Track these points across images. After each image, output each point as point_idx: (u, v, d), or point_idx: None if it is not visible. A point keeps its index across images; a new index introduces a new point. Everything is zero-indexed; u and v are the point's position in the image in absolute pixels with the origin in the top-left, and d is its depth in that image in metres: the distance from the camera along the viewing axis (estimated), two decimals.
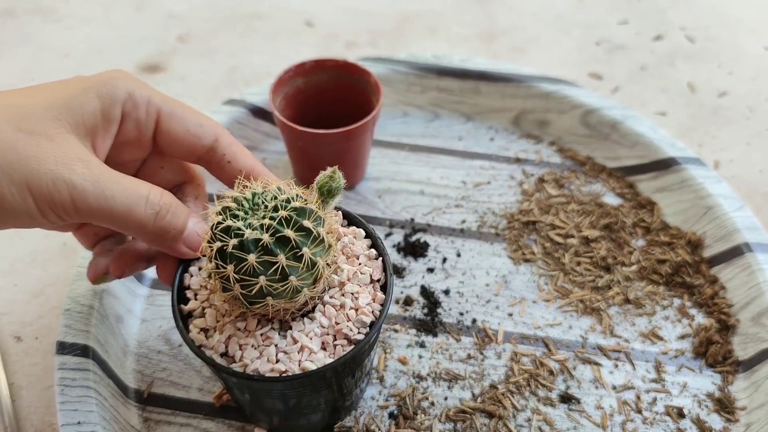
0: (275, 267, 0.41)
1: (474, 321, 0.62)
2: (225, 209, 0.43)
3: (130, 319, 0.61)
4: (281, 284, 0.41)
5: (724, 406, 0.56)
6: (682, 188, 0.69)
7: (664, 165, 0.71)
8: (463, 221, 0.70)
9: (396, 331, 0.61)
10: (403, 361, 0.59)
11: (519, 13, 0.98)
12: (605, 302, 0.63)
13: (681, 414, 0.56)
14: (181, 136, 0.47)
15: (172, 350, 0.60)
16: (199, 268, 0.50)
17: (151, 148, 0.49)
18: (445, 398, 0.57)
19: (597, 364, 0.59)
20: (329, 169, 0.44)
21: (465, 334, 0.61)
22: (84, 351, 0.55)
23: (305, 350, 0.45)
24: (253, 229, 0.41)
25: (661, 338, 0.61)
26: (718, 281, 0.64)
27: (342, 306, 0.46)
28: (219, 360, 0.45)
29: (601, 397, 0.57)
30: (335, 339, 0.46)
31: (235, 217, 0.42)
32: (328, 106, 0.71)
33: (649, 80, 0.88)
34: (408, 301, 0.63)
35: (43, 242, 0.68)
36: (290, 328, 0.46)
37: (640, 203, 0.71)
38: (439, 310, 0.62)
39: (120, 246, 0.51)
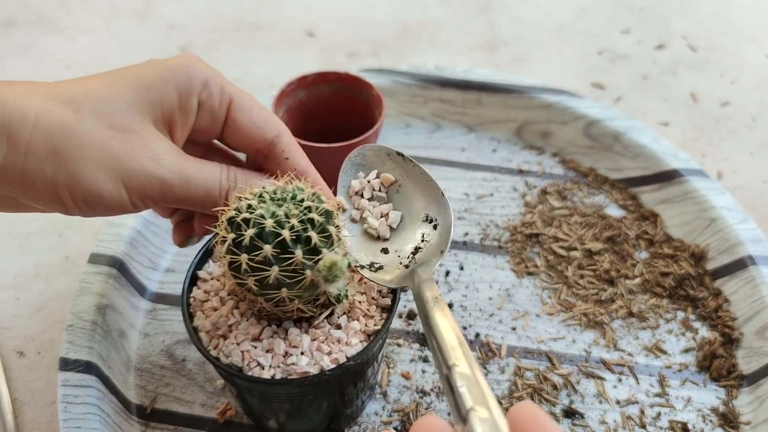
0: (290, 262, 0.41)
1: (477, 335, 0.62)
2: (242, 200, 0.43)
3: (133, 333, 0.61)
4: (296, 277, 0.41)
5: (729, 420, 0.56)
6: (686, 200, 0.69)
7: (668, 176, 0.71)
8: (466, 234, 0.70)
9: (399, 345, 0.61)
10: (406, 376, 0.59)
11: (521, 22, 0.99)
12: (608, 315, 0.63)
13: (685, 429, 0.56)
14: (246, 127, 0.48)
15: (176, 365, 0.60)
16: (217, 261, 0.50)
17: (219, 134, 0.49)
18: (449, 413, 0.57)
19: (601, 378, 0.59)
20: (328, 259, 0.40)
21: None
22: (87, 367, 0.55)
23: (308, 355, 0.45)
24: (275, 221, 0.41)
25: (664, 352, 0.61)
26: (721, 294, 0.64)
27: (348, 313, 0.47)
28: (225, 360, 0.45)
29: (604, 412, 0.57)
30: (340, 345, 0.46)
31: (254, 208, 0.42)
32: (330, 118, 0.71)
33: (651, 90, 0.88)
34: (411, 315, 0.63)
35: (45, 256, 0.68)
36: (296, 332, 0.46)
37: (643, 215, 0.71)
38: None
39: None
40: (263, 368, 0.44)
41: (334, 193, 0.51)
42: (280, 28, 0.96)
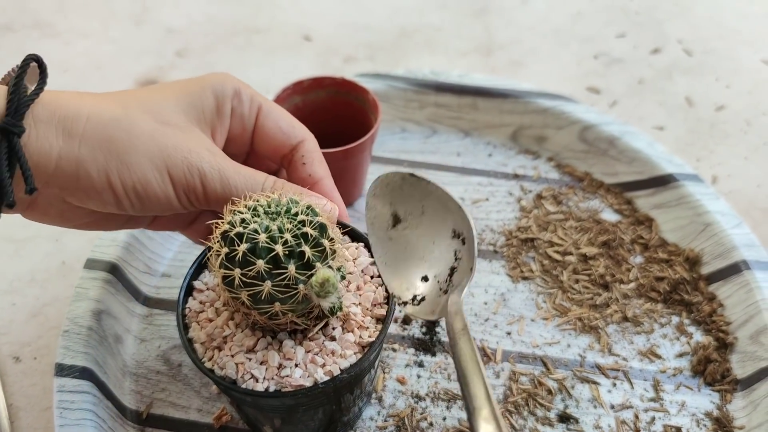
0: (283, 276, 0.41)
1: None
2: (235, 213, 0.43)
3: (129, 338, 0.61)
4: (289, 291, 0.42)
5: (723, 425, 0.57)
6: (680, 205, 0.69)
7: (662, 181, 0.71)
8: None
9: (394, 350, 0.61)
10: (401, 381, 0.59)
11: (517, 26, 0.99)
12: (603, 320, 0.63)
13: None
14: (273, 132, 0.51)
15: (171, 370, 0.60)
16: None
17: (249, 146, 0.52)
18: (444, 418, 0.57)
19: (595, 383, 0.59)
20: (321, 275, 0.41)
21: None
22: (82, 373, 0.55)
23: (303, 367, 0.45)
24: (268, 236, 0.41)
25: (659, 356, 0.61)
26: (716, 299, 0.64)
27: (343, 324, 0.47)
28: (219, 372, 0.45)
29: (599, 417, 0.57)
30: (334, 357, 0.46)
31: (247, 223, 0.42)
32: (326, 123, 0.71)
33: (646, 94, 0.88)
34: (406, 320, 0.63)
35: (41, 261, 0.68)
36: (290, 344, 0.46)
37: (638, 219, 0.71)
38: (437, 329, 0.62)
39: None
40: (257, 380, 0.44)
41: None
42: (277, 32, 0.97)
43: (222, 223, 0.43)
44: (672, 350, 0.62)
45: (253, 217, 0.42)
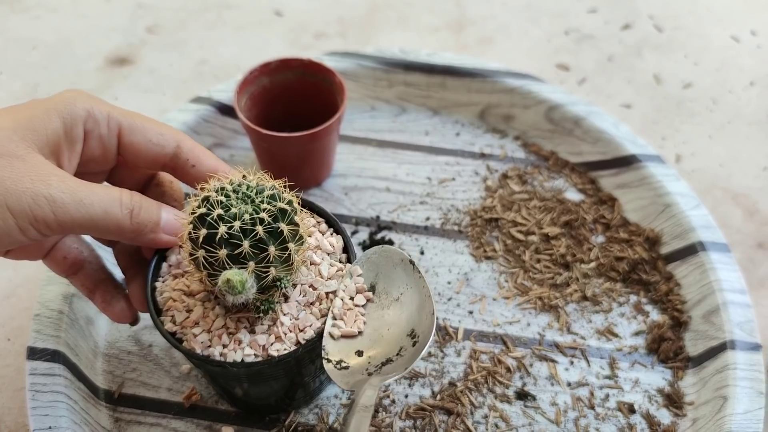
0: (264, 256, 0.44)
1: (435, 319, 0.63)
2: (206, 199, 0.45)
3: (100, 320, 0.63)
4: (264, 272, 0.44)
5: (673, 401, 0.59)
6: (642, 185, 0.71)
7: (625, 162, 0.72)
8: (428, 218, 0.71)
9: None
10: None
11: (489, 1, 0.99)
12: (563, 299, 0.65)
13: (632, 409, 0.59)
14: (144, 147, 0.48)
15: (142, 350, 0.61)
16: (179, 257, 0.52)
17: (116, 161, 0.50)
18: (406, 396, 0.59)
19: (553, 361, 0.61)
20: (224, 276, 0.43)
21: None
22: (54, 356, 0.56)
23: (270, 338, 0.48)
24: (243, 218, 0.43)
25: (616, 335, 0.63)
26: (673, 278, 0.66)
27: (306, 298, 0.49)
28: (191, 347, 0.47)
29: (556, 394, 0.59)
30: (299, 330, 0.48)
31: (220, 205, 0.44)
32: (294, 104, 0.72)
33: (615, 71, 0.89)
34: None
35: None
36: (258, 319, 0.48)
37: (602, 199, 0.73)
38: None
39: (121, 291, 0.53)
40: (226, 352, 0.47)
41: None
42: (248, 8, 0.96)
43: (196, 205, 0.45)
44: (629, 329, 0.64)
45: (221, 199, 0.44)
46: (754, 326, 0.60)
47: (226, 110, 0.75)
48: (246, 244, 0.43)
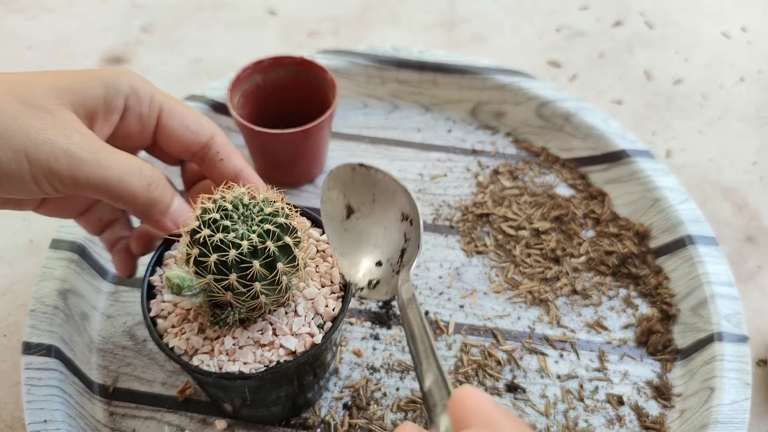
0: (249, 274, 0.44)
1: (426, 313, 0.64)
2: (205, 211, 0.45)
3: (95, 315, 0.63)
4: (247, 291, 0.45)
5: (662, 393, 0.60)
6: (631, 180, 0.72)
7: (615, 157, 0.73)
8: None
9: (351, 323, 0.63)
10: (357, 354, 0.62)
11: None
12: (553, 293, 0.66)
13: (621, 401, 0.59)
14: (180, 131, 0.50)
15: (137, 345, 0.62)
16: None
17: (150, 142, 0.51)
18: (397, 389, 0.60)
19: (543, 354, 0.62)
20: (167, 275, 0.44)
21: None
22: (49, 351, 0.57)
23: (266, 348, 0.48)
24: (242, 239, 0.44)
25: (605, 328, 0.64)
26: (662, 272, 0.67)
27: (303, 306, 0.50)
28: (185, 358, 0.48)
29: (545, 386, 0.60)
30: (297, 338, 0.48)
31: (219, 223, 0.44)
32: (287, 102, 0.72)
33: (606, 68, 0.90)
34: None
35: (10, 240, 0.70)
36: (252, 327, 0.49)
37: (592, 194, 0.73)
38: (393, 303, 0.65)
39: (137, 228, 0.56)
40: (219, 362, 0.47)
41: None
42: (242, 7, 0.97)
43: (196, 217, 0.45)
44: (618, 322, 0.65)
45: (222, 215, 0.45)
46: (742, 318, 0.61)
47: (219, 108, 0.75)
48: (233, 277, 0.44)
